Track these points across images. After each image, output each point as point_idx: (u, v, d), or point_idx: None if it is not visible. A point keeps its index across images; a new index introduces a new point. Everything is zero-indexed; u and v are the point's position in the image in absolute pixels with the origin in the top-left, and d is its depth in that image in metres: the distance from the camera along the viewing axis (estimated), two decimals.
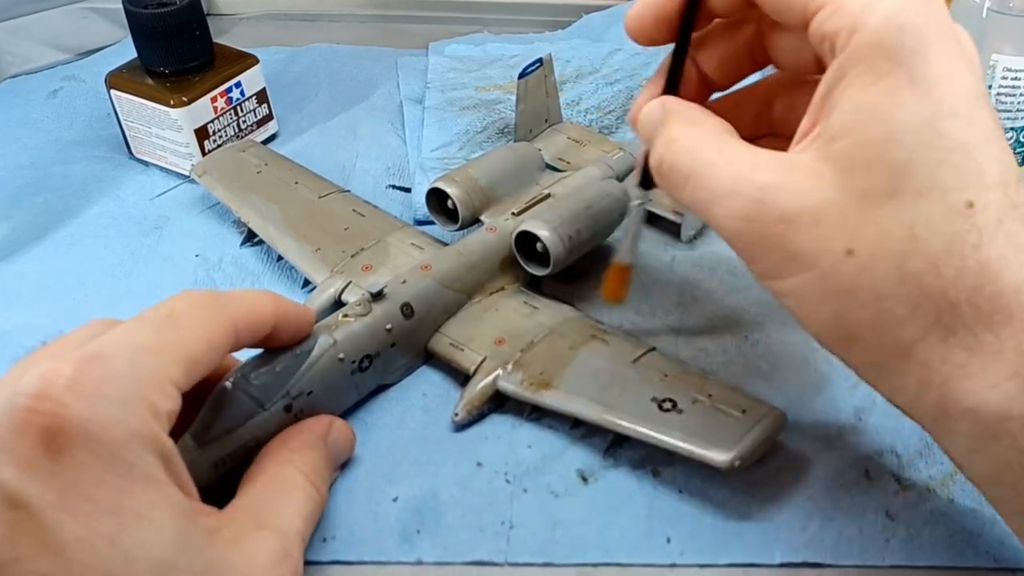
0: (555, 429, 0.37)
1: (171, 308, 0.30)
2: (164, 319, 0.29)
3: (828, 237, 0.26)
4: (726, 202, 0.27)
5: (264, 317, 0.32)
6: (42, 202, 0.51)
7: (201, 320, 0.30)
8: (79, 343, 0.28)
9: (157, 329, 0.29)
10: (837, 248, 0.26)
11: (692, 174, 0.28)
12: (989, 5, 0.46)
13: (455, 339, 0.39)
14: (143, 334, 0.29)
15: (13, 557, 0.24)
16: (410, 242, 0.44)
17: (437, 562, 0.33)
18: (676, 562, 0.33)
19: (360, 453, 0.36)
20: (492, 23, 0.68)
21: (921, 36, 0.25)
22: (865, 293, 0.26)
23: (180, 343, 0.29)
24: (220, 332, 0.30)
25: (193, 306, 0.30)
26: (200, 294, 0.31)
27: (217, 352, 0.30)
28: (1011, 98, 0.47)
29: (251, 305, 0.32)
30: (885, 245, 0.25)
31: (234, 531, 0.29)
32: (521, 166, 0.46)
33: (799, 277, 0.26)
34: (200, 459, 0.32)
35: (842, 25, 0.25)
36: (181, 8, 0.49)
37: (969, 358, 0.25)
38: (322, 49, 0.65)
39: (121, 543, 0.25)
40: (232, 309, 0.31)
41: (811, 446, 0.36)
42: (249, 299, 0.32)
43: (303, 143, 0.55)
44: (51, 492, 0.25)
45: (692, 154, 0.28)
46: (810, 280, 0.26)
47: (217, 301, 0.31)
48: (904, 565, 0.32)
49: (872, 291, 0.26)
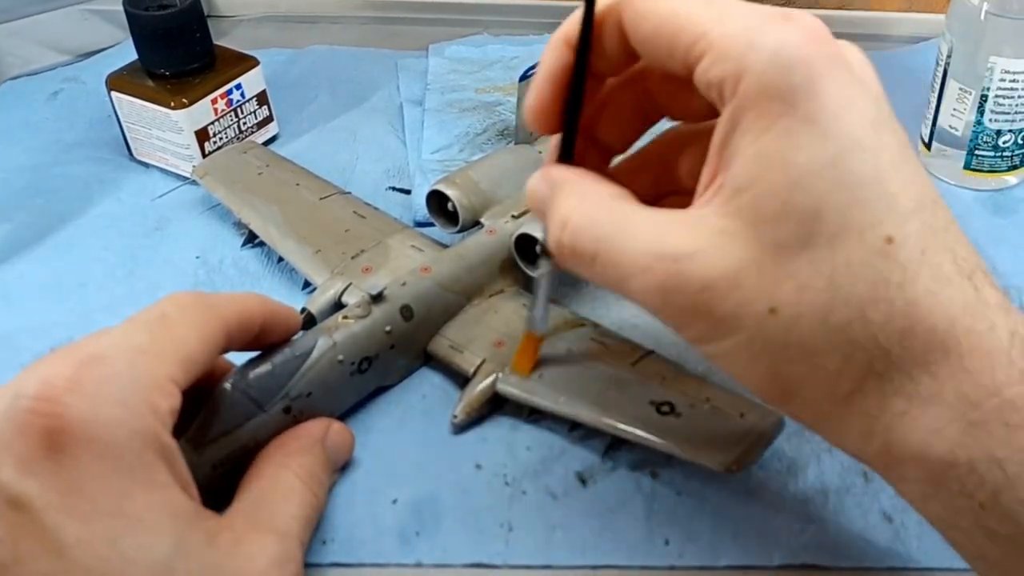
0: (554, 431, 0.37)
1: (162, 309, 0.30)
2: (156, 320, 0.30)
3: (749, 299, 0.24)
4: (640, 278, 0.26)
5: (253, 317, 0.33)
6: (43, 204, 0.51)
7: (193, 320, 0.30)
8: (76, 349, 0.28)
9: (151, 330, 0.29)
10: (759, 309, 0.24)
11: (598, 254, 0.27)
12: (987, 7, 0.46)
13: (454, 341, 0.39)
14: (137, 335, 0.29)
15: (14, 558, 0.25)
16: (410, 244, 0.44)
17: (436, 564, 0.33)
18: (675, 564, 0.33)
19: (359, 455, 0.36)
20: (492, 25, 0.68)
21: (810, 70, 0.24)
22: (794, 349, 0.25)
23: (174, 342, 0.29)
24: (212, 331, 0.31)
25: (183, 307, 0.30)
26: (189, 295, 0.31)
27: (211, 351, 0.31)
28: (1009, 100, 0.47)
29: (240, 305, 0.32)
30: (806, 299, 0.24)
31: (234, 534, 0.29)
32: (521, 168, 0.46)
33: (727, 341, 0.25)
34: (199, 460, 0.32)
35: (727, 72, 0.24)
36: (182, 10, 0.49)
37: (908, 404, 0.24)
38: (322, 51, 0.65)
39: (121, 545, 0.25)
40: (221, 309, 0.31)
41: (809, 448, 0.36)
42: (237, 300, 0.33)
43: (303, 145, 0.55)
44: (52, 493, 0.25)
45: (590, 232, 0.27)
46: (738, 343, 0.25)
47: (206, 301, 0.31)
48: (902, 567, 0.32)
49: (801, 347, 0.25)
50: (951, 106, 0.49)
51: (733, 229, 0.25)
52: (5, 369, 0.32)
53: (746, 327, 0.25)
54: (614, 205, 0.27)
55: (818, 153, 0.24)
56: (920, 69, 0.58)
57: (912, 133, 0.54)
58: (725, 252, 0.25)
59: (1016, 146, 0.49)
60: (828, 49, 0.24)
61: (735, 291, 0.25)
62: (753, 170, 0.24)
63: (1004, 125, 0.48)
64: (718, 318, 0.25)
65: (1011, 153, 0.49)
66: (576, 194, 0.28)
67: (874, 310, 0.24)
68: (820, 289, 0.24)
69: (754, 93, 0.24)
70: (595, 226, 0.27)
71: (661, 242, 0.25)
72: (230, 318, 0.32)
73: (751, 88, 0.24)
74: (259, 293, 0.35)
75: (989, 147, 0.49)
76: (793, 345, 0.25)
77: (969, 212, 0.49)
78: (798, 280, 0.24)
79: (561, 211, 0.28)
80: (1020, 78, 0.46)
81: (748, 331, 0.25)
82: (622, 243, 0.26)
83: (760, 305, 0.24)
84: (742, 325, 0.25)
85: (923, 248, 0.24)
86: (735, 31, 0.24)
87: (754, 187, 0.24)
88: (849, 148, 0.24)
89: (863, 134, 0.24)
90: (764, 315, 0.24)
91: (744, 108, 0.24)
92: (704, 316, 0.25)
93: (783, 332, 0.24)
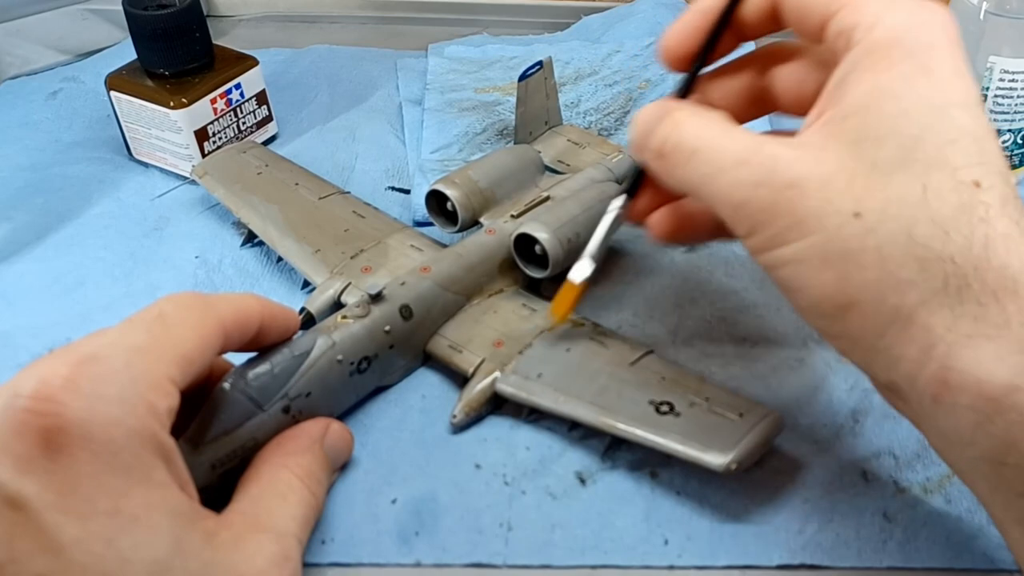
0: (553, 431, 0.37)
1: (160, 309, 0.30)
2: (154, 320, 0.30)
3: (835, 200, 0.26)
4: (733, 172, 0.28)
5: (251, 317, 0.33)
6: (42, 203, 0.51)
7: (190, 319, 0.30)
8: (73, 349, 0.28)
9: (148, 329, 0.29)
10: (844, 210, 0.26)
11: (698, 150, 0.29)
12: (987, 7, 0.46)
13: (454, 341, 0.39)
14: (135, 335, 0.29)
15: (11, 558, 0.25)
16: (409, 244, 0.44)
17: (436, 564, 0.33)
18: (674, 564, 0.33)
19: (358, 455, 0.36)
20: (491, 25, 0.68)
21: (935, 36, 0.27)
22: (870, 255, 0.26)
23: (172, 342, 0.29)
24: (210, 331, 0.31)
25: (181, 307, 0.30)
26: (187, 295, 0.31)
27: (209, 351, 0.31)
28: (1008, 100, 0.47)
29: (237, 306, 0.32)
30: (893, 209, 0.25)
31: (232, 534, 0.29)
32: (520, 168, 0.46)
33: (803, 242, 0.27)
34: (198, 460, 0.32)
35: (861, 20, 0.27)
36: (181, 10, 0.49)
37: (975, 328, 0.25)
38: (322, 50, 0.65)
39: (118, 545, 0.25)
40: (219, 309, 0.31)
41: (808, 448, 0.36)
42: (235, 300, 0.33)
43: (303, 144, 0.55)
44: (49, 492, 0.25)
45: (698, 132, 0.29)
46: (814, 244, 0.26)
47: (204, 301, 0.31)
48: (901, 567, 0.32)
49: (877, 253, 0.26)
50: None
51: (835, 146, 0.27)
52: (4, 369, 0.32)
53: (825, 228, 0.26)
54: (724, 121, 0.29)
55: (930, 96, 0.26)
56: None
57: None
58: (821, 159, 0.27)
59: (1016, 146, 0.49)
60: (952, 28, 0.27)
61: (823, 191, 0.26)
62: (866, 99, 0.26)
63: (1004, 125, 0.48)
64: (799, 217, 0.26)
65: (1011, 153, 0.49)
66: (692, 109, 0.30)
67: (956, 232, 0.25)
68: (909, 203, 0.25)
69: (883, 39, 0.26)
70: (704, 128, 0.29)
71: (760, 144, 0.28)
72: (228, 318, 0.31)
73: (881, 36, 0.27)
74: (257, 294, 0.35)
75: None
76: (870, 250, 0.26)
77: None
78: (888, 192, 0.26)
79: (677, 116, 0.30)
80: (1019, 78, 0.46)
81: (827, 232, 0.26)
82: (724, 142, 0.28)
83: (845, 207, 0.26)
84: (823, 225, 0.26)
85: (1004, 201, 0.26)
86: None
87: (863, 112, 0.26)
88: (957, 103, 0.26)
89: (970, 99, 0.26)
90: (847, 217, 0.26)
91: (869, 51, 0.27)
92: (785, 214, 0.27)
93: (862, 236, 0.26)
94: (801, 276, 0.27)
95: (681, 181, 0.29)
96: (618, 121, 0.56)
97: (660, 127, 0.30)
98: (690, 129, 0.29)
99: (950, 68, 0.26)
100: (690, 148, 0.29)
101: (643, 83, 0.59)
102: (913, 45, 0.26)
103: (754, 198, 0.27)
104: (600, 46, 0.63)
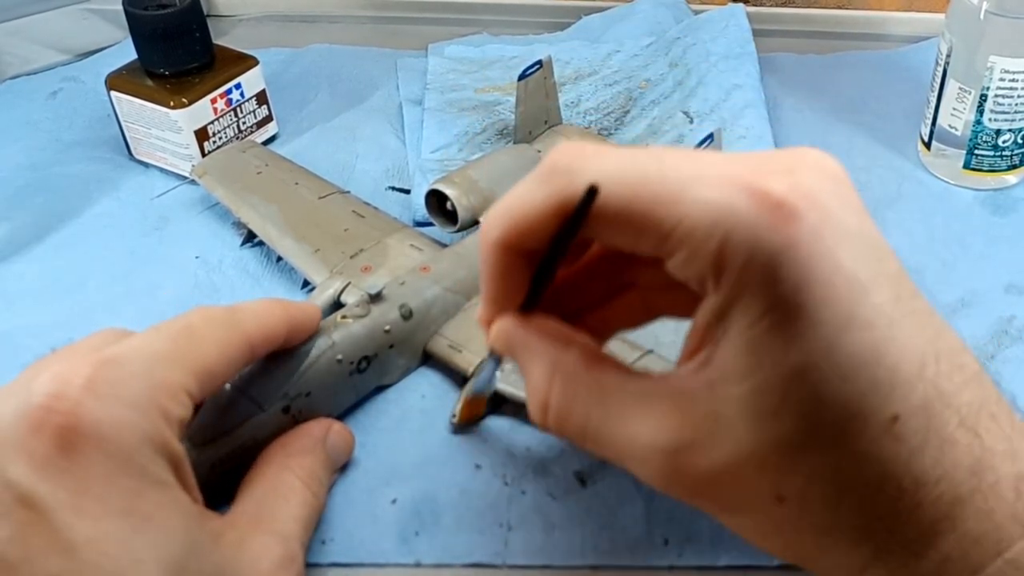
0: None
1: (188, 321, 0.30)
2: (181, 330, 0.30)
3: (753, 489, 0.24)
4: (638, 467, 0.26)
5: (277, 329, 0.33)
6: (42, 203, 0.51)
7: (217, 334, 0.30)
8: (92, 349, 0.28)
9: (173, 339, 0.29)
10: (766, 497, 0.24)
11: (586, 438, 0.26)
12: (987, 7, 0.46)
13: (453, 341, 0.39)
14: (160, 343, 0.29)
15: (24, 556, 0.25)
16: (409, 243, 0.44)
17: (435, 564, 0.33)
18: (674, 564, 0.33)
19: (358, 455, 0.36)
20: (491, 24, 0.68)
21: (787, 257, 0.22)
22: (807, 532, 0.25)
23: (196, 354, 0.29)
24: (235, 347, 0.31)
25: (209, 321, 0.31)
26: (216, 309, 0.32)
27: (232, 367, 0.31)
28: (1008, 99, 0.47)
29: (264, 319, 0.33)
30: (814, 490, 0.24)
31: (238, 535, 0.29)
32: (520, 168, 0.46)
33: (736, 519, 0.26)
34: (199, 460, 0.32)
35: (703, 270, 0.23)
36: (181, 10, 0.49)
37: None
38: (322, 50, 0.65)
39: (131, 545, 0.25)
40: (247, 324, 0.32)
41: None
42: (262, 312, 0.33)
43: (303, 144, 0.55)
44: (63, 492, 0.25)
45: (576, 420, 0.26)
46: (746, 524, 0.26)
47: (232, 317, 0.31)
48: None
49: (813, 528, 0.24)
50: (951, 105, 0.49)
51: (728, 417, 0.24)
52: (4, 368, 0.32)
53: (753, 512, 0.25)
54: (593, 380, 0.26)
55: (810, 345, 0.22)
56: (919, 68, 0.58)
57: (911, 133, 0.54)
58: (723, 442, 0.24)
59: (1016, 145, 0.49)
60: (802, 222, 0.22)
61: (738, 483, 0.24)
62: (745, 361, 0.23)
63: (1004, 124, 0.48)
64: (723, 504, 0.25)
65: (1011, 152, 0.49)
66: (548, 368, 0.27)
67: (882, 493, 0.23)
68: (827, 480, 0.23)
69: (739, 285, 0.23)
70: (580, 411, 0.26)
71: (654, 432, 0.25)
72: (255, 335, 0.32)
73: (733, 281, 0.23)
74: (281, 299, 0.35)
75: (989, 146, 0.49)
76: (805, 528, 0.25)
77: (969, 212, 0.49)
78: (803, 473, 0.24)
79: (539, 391, 0.27)
80: (1020, 77, 0.46)
81: (756, 515, 0.25)
82: (612, 430, 0.26)
83: (766, 494, 0.24)
84: (749, 510, 0.25)
85: (928, 415, 0.23)
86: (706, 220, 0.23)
87: (748, 380, 0.23)
88: (842, 329, 0.22)
89: (854, 306, 0.23)
90: (771, 503, 0.24)
91: (728, 301, 0.23)
92: (710, 502, 0.26)
93: (794, 518, 0.24)
94: (752, 540, 0.26)
95: None
96: (618, 121, 0.56)
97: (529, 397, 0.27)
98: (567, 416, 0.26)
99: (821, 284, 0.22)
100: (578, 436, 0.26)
101: (643, 83, 0.59)
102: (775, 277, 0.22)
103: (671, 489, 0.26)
104: (600, 46, 0.63)
